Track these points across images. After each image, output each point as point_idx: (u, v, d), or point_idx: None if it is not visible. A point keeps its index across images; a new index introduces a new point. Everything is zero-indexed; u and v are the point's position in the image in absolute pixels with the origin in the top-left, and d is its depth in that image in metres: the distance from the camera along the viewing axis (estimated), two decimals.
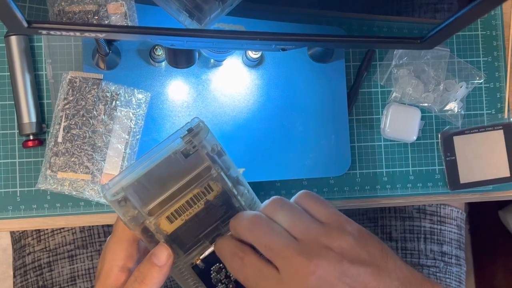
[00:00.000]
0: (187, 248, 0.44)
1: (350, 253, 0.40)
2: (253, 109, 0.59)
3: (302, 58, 0.60)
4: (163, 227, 0.43)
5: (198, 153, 0.42)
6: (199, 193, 0.43)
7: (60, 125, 0.56)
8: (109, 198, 0.41)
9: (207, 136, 0.42)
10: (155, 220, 0.43)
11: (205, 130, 0.42)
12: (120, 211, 0.42)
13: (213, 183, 0.43)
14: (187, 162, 0.42)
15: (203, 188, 0.43)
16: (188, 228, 0.43)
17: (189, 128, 0.42)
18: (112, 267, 0.43)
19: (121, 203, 0.42)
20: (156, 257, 0.42)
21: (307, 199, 0.44)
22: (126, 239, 0.44)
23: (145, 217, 0.42)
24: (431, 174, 0.63)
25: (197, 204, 0.43)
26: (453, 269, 0.74)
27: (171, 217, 0.43)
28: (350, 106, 0.62)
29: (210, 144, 0.43)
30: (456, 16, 0.39)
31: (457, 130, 0.63)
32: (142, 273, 0.42)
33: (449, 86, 0.63)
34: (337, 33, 0.58)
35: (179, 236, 0.43)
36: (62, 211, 0.59)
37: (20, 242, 0.72)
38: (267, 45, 0.48)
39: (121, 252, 0.44)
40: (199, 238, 0.44)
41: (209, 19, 0.43)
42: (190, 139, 0.42)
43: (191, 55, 0.54)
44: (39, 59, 0.59)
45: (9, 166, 0.58)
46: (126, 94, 0.57)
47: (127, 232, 0.44)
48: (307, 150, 0.60)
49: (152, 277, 0.42)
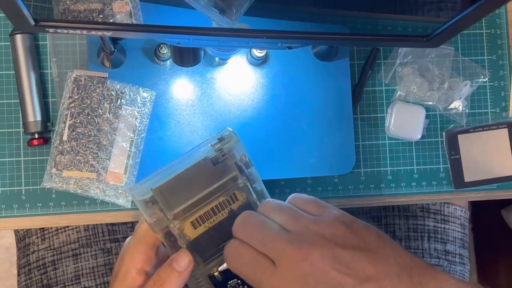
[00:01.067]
0: (206, 257, 0.44)
1: (343, 239, 0.40)
2: (257, 108, 0.59)
3: (307, 57, 0.60)
4: (186, 232, 0.43)
5: (227, 162, 0.43)
6: (224, 201, 0.44)
7: (65, 123, 0.56)
8: (137, 198, 0.42)
9: (236, 146, 0.43)
10: (180, 224, 0.43)
11: (235, 139, 0.43)
12: (146, 212, 0.42)
13: (239, 193, 0.44)
14: (215, 170, 0.43)
15: (228, 197, 0.44)
16: (209, 236, 0.44)
17: (220, 137, 0.43)
18: (130, 269, 0.44)
19: (148, 204, 0.42)
20: (177, 263, 0.42)
21: (298, 199, 0.44)
22: (146, 243, 0.44)
23: (170, 220, 0.43)
24: (435, 172, 0.63)
25: (221, 213, 0.44)
26: (456, 268, 0.74)
27: (195, 222, 0.43)
28: (355, 104, 0.62)
29: (239, 154, 0.44)
30: (463, 14, 0.39)
31: (462, 128, 0.63)
32: (161, 277, 0.43)
33: (454, 85, 0.63)
34: (342, 31, 0.58)
35: (200, 244, 0.44)
36: (67, 209, 0.59)
37: (24, 240, 0.72)
38: (273, 43, 0.48)
39: (140, 255, 0.44)
40: (219, 248, 0.44)
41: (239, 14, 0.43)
42: (221, 147, 0.43)
43: (196, 53, 0.54)
44: (44, 58, 0.59)
45: (14, 164, 0.58)
46: (131, 92, 0.57)
47: (148, 235, 0.44)
48: (312, 149, 0.60)
49: (171, 282, 0.42)
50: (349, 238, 0.40)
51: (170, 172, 0.42)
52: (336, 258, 0.39)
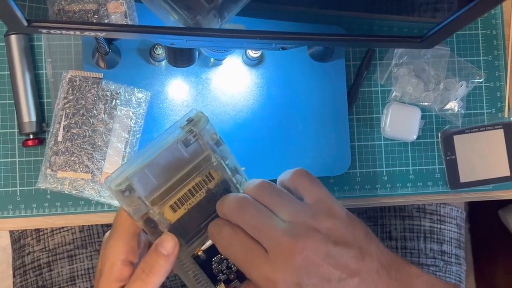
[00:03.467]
0: (189, 238, 0.44)
1: (335, 234, 0.41)
2: (253, 108, 0.59)
3: (302, 57, 0.60)
4: (167, 216, 0.43)
5: (198, 142, 0.43)
6: (200, 181, 0.44)
7: (60, 124, 0.56)
8: (114, 188, 0.42)
9: (206, 125, 0.43)
10: (159, 209, 0.43)
11: (204, 119, 0.43)
12: (124, 202, 0.42)
13: (214, 171, 0.44)
14: (188, 152, 0.43)
15: (204, 176, 0.44)
16: (190, 217, 0.44)
17: (189, 118, 0.43)
18: (115, 261, 0.43)
19: (125, 193, 0.42)
20: (162, 247, 0.42)
21: (301, 177, 0.45)
22: (127, 233, 0.44)
23: (149, 207, 0.43)
24: (431, 173, 0.63)
25: (199, 193, 0.44)
26: (453, 268, 0.74)
27: (174, 206, 0.43)
28: (350, 105, 0.62)
29: (210, 133, 0.44)
30: (457, 15, 0.39)
31: (457, 129, 0.63)
32: (149, 264, 0.42)
33: (449, 85, 0.63)
34: (337, 32, 0.58)
35: (182, 226, 0.44)
36: (62, 210, 0.59)
37: (19, 242, 0.72)
38: (267, 44, 0.48)
39: (123, 246, 0.44)
40: (200, 228, 0.44)
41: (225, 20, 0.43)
42: (191, 128, 0.43)
43: (191, 54, 0.54)
44: (39, 58, 0.59)
45: (9, 165, 0.58)
46: (126, 93, 0.57)
47: (128, 226, 0.44)
48: (307, 149, 0.59)
49: (160, 267, 0.42)
50: (341, 234, 0.41)
51: (144, 159, 0.42)
52: (328, 253, 0.40)
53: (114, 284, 0.43)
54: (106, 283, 0.43)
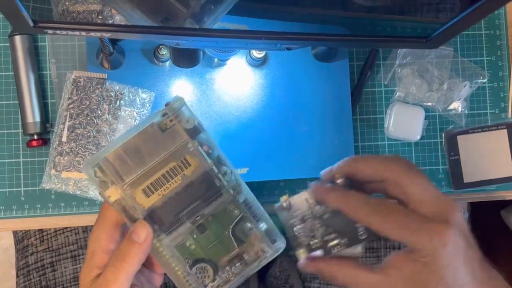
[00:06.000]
0: (166, 227, 0.43)
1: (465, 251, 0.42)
2: (257, 109, 0.59)
3: (306, 58, 0.60)
4: (139, 201, 0.42)
5: (175, 127, 0.42)
6: (175, 166, 0.42)
7: (65, 124, 0.56)
8: (85, 169, 0.41)
9: (182, 108, 0.42)
10: (131, 192, 0.42)
11: (180, 103, 0.42)
12: (96, 184, 0.42)
13: (190, 157, 0.43)
14: (164, 137, 0.42)
15: (179, 162, 0.42)
16: (166, 205, 0.43)
17: (166, 103, 0.42)
18: (95, 248, 0.44)
19: (96, 174, 0.41)
20: (136, 234, 0.43)
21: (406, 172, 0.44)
22: (109, 222, 0.44)
23: (122, 189, 0.42)
24: (434, 173, 0.63)
25: (174, 179, 0.43)
26: None
27: (147, 190, 0.42)
28: (354, 105, 0.62)
29: (186, 118, 0.42)
30: (462, 15, 0.39)
31: (461, 129, 0.63)
32: (122, 251, 0.43)
33: (453, 86, 0.63)
34: (341, 33, 0.58)
35: (158, 214, 0.43)
36: (67, 210, 0.59)
37: (23, 242, 0.72)
38: (272, 44, 0.48)
39: (104, 235, 0.44)
40: (179, 217, 0.43)
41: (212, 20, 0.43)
42: (166, 112, 0.42)
43: (195, 54, 0.54)
44: (43, 59, 0.59)
45: (13, 165, 0.58)
46: (130, 93, 0.57)
47: (111, 215, 0.44)
48: (311, 150, 0.60)
49: (133, 254, 0.42)
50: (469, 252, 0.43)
51: (120, 142, 0.42)
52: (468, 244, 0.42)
53: (94, 271, 0.44)
54: (87, 270, 0.44)
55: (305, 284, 0.71)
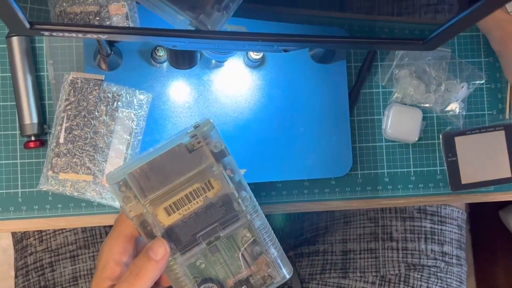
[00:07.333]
0: (183, 246, 0.44)
1: None
2: (254, 110, 0.59)
3: (304, 59, 0.60)
4: (160, 219, 0.43)
5: (202, 149, 0.43)
6: (199, 188, 0.43)
7: (62, 126, 0.56)
8: (111, 182, 0.42)
9: (211, 132, 0.43)
10: (153, 210, 0.43)
11: (210, 126, 0.43)
12: (120, 198, 0.42)
13: (214, 180, 0.44)
14: (190, 158, 0.43)
15: (203, 183, 0.43)
16: (185, 225, 0.44)
17: (195, 124, 0.43)
18: (108, 260, 0.44)
19: (121, 188, 0.42)
20: (153, 251, 0.43)
21: None
22: (124, 234, 0.45)
23: (144, 206, 0.43)
24: (432, 174, 0.63)
25: (196, 200, 0.43)
26: (454, 269, 0.74)
27: (169, 209, 0.43)
28: (352, 106, 0.62)
29: (214, 141, 0.43)
30: (460, 16, 0.39)
31: (459, 130, 0.63)
32: (137, 267, 0.43)
33: (450, 87, 0.63)
34: (339, 34, 0.58)
35: (176, 233, 0.44)
36: (64, 212, 0.59)
37: (22, 242, 0.72)
38: (269, 46, 0.48)
39: (118, 247, 0.44)
40: (196, 238, 0.44)
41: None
42: (195, 133, 0.43)
43: (192, 56, 0.54)
44: (40, 60, 0.59)
45: (10, 167, 0.58)
46: (128, 95, 0.57)
47: (126, 227, 0.44)
48: (309, 151, 0.60)
49: (147, 271, 0.42)
50: None
51: (146, 159, 0.42)
52: None
53: (105, 282, 0.44)
54: (99, 280, 0.44)
55: (303, 285, 0.72)
